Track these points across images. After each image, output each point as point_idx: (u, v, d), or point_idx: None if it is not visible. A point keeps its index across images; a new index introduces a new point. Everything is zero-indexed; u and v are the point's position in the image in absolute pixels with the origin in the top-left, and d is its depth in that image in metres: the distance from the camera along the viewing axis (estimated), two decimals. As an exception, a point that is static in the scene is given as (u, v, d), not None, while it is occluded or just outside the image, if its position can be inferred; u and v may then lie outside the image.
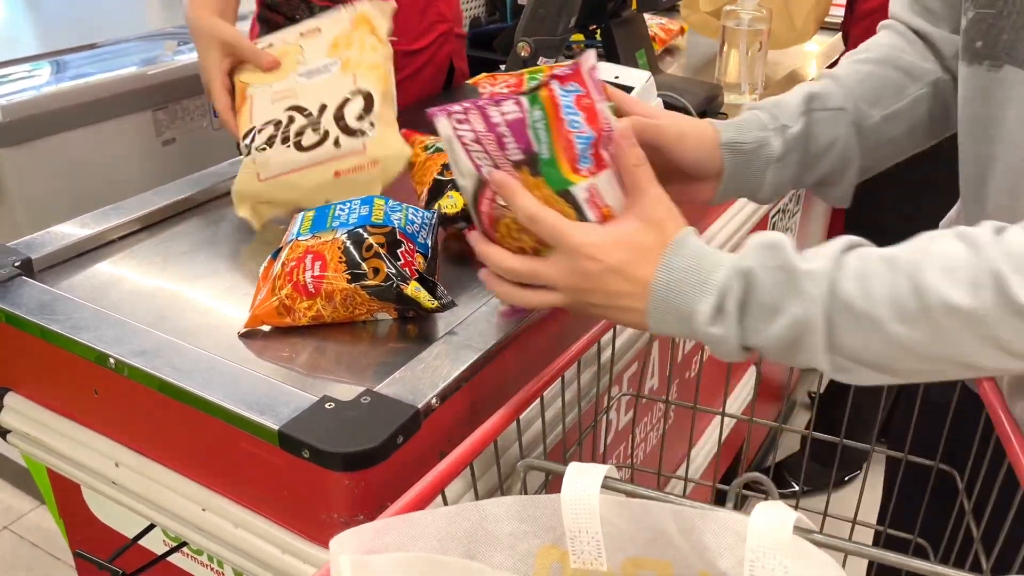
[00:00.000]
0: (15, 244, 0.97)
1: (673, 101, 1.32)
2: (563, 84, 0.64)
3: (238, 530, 0.77)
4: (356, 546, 0.53)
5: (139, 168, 1.85)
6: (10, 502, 2.02)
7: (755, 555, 0.51)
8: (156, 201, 1.09)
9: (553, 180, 0.65)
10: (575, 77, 0.65)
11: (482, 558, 0.58)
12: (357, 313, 0.85)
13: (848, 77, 0.87)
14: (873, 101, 0.86)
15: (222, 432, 0.73)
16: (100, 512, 1.00)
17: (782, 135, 0.84)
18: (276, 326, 0.86)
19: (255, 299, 0.87)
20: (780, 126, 0.84)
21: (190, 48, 2.03)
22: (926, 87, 0.86)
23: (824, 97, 0.86)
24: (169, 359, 0.78)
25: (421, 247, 0.88)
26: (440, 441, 0.76)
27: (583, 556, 0.58)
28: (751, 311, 0.62)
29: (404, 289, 0.83)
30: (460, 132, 0.66)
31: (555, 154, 0.64)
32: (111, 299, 0.91)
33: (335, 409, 0.71)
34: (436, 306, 0.84)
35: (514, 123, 0.64)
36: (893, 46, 0.89)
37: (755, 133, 0.83)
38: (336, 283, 0.83)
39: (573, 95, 0.65)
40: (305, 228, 0.89)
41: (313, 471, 0.68)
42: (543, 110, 0.64)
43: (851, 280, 0.59)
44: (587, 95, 0.65)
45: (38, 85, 1.74)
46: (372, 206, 0.90)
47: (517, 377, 0.86)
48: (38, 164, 1.68)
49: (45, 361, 0.87)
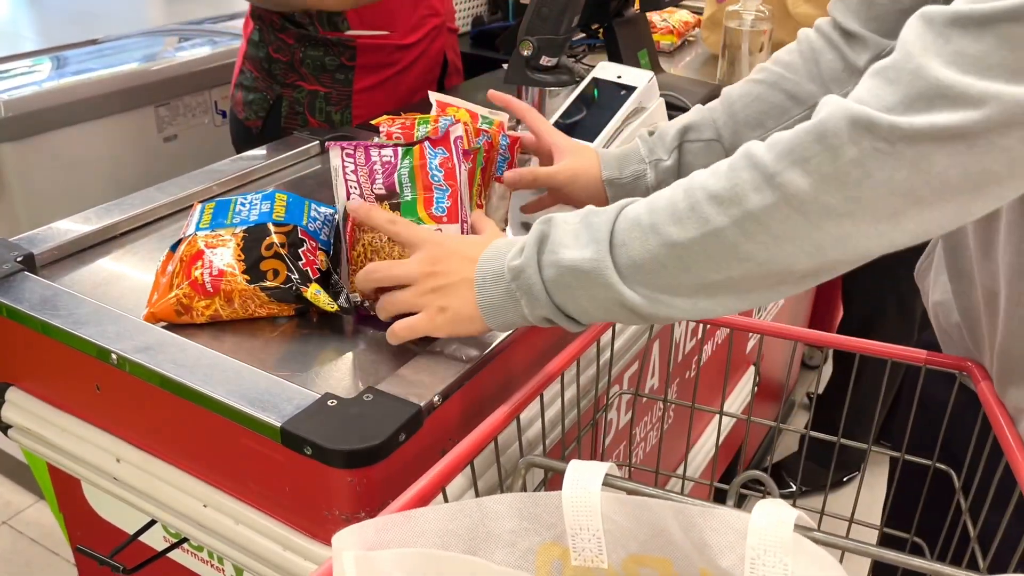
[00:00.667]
0: (17, 239, 0.97)
1: (675, 101, 1.32)
2: (433, 147, 0.82)
3: (239, 526, 0.77)
4: (358, 542, 0.53)
5: (141, 164, 1.85)
6: (9, 497, 2.02)
7: (756, 553, 0.51)
8: (158, 197, 1.09)
9: (409, 214, 0.80)
10: (443, 142, 0.83)
11: (483, 555, 0.58)
12: (256, 313, 0.85)
13: (737, 100, 0.95)
14: (756, 124, 0.94)
15: (224, 428, 0.74)
16: (100, 508, 1.00)
17: (655, 168, 0.93)
18: (173, 323, 0.84)
19: (152, 295, 0.86)
20: (655, 159, 0.94)
21: (191, 45, 2.03)
22: (808, 110, 0.91)
23: (698, 128, 0.95)
24: (171, 355, 0.78)
25: (324, 244, 0.88)
26: (442, 439, 0.76)
27: (584, 553, 0.58)
28: (547, 248, 0.68)
29: (304, 292, 0.82)
30: (345, 163, 0.82)
31: (416, 197, 0.81)
32: (113, 294, 0.91)
33: (337, 406, 0.71)
34: (336, 309, 0.84)
35: (387, 165, 0.82)
36: (788, 64, 0.95)
37: (632, 167, 0.94)
38: (235, 284, 0.82)
39: (439, 156, 0.82)
40: (205, 222, 0.87)
41: (315, 468, 0.68)
42: (411, 162, 0.82)
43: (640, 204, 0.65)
44: (450, 158, 0.82)
45: (40, 80, 1.74)
46: (273, 202, 0.89)
47: (518, 375, 0.86)
48: (40, 159, 1.68)
49: (46, 356, 0.87)
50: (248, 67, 1.50)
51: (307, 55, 1.44)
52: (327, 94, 1.47)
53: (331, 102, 1.48)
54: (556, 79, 1.25)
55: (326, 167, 1.23)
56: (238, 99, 1.53)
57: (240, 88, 1.52)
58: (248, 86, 1.50)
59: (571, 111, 1.20)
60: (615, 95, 1.20)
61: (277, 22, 1.43)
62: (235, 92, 1.54)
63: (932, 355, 0.83)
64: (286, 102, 1.48)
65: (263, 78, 1.48)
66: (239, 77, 1.53)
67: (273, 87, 1.48)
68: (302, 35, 1.43)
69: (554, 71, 1.25)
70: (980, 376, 0.79)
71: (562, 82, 1.25)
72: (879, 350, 0.84)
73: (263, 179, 1.20)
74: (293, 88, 1.47)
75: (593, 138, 1.15)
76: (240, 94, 1.52)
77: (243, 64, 1.51)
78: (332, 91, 1.47)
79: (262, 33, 1.46)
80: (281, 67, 1.46)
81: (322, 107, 1.48)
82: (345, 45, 1.44)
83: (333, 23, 1.43)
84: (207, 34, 2.12)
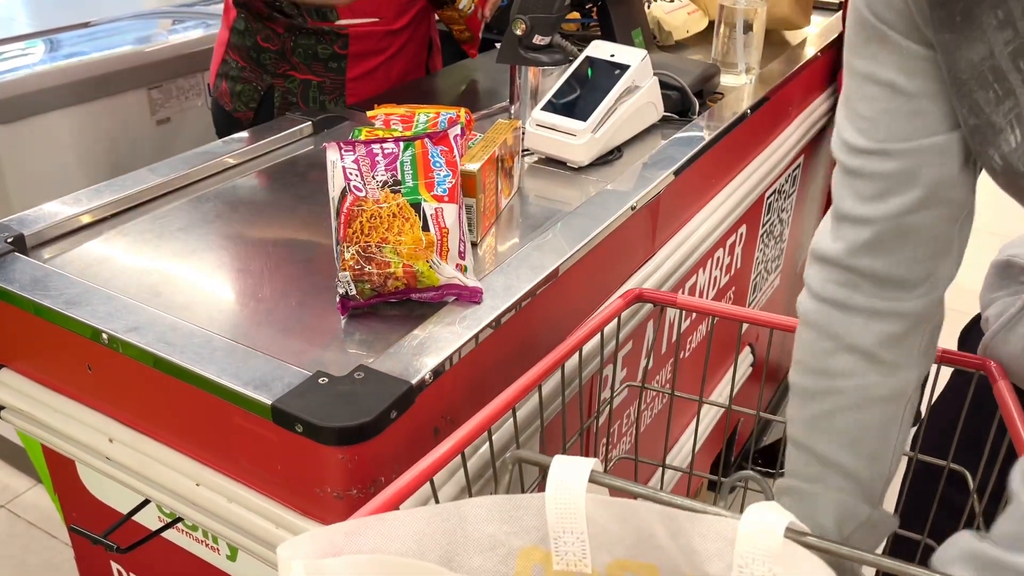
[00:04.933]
0: (8, 220, 0.97)
1: (669, 80, 1.32)
2: (435, 143, 0.90)
3: (232, 505, 0.77)
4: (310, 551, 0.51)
5: (134, 147, 1.84)
6: (7, 481, 2.02)
7: (744, 561, 0.50)
8: (150, 178, 1.08)
9: (410, 195, 0.85)
10: (443, 140, 0.90)
11: (461, 560, 0.57)
12: None
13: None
14: None
15: (216, 407, 0.73)
16: (95, 488, 1.00)
17: None
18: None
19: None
20: None
21: (184, 27, 2.02)
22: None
23: None
24: (162, 335, 0.78)
25: None
26: (434, 417, 0.76)
27: (567, 557, 0.56)
28: None
29: None
30: (344, 155, 0.87)
31: (417, 181, 0.86)
32: (104, 275, 0.91)
33: (328, 384, 0.71)
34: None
35: (389, 155, 0.88)
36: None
37: None
38: None
39: (440, 149, 0.89)
40: None
41: (306, 446, 0.68)
42: (413, 153, 0.88)
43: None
44: (451, 151, 0.90)
45: (32, 63, 1.73)
46: None
47: (512, 354, 0.86)
48: (32, 142, 1.67)
49: (38, 337, 0.87)
50: (233, 56, 1.46)
51: (298, 44, 1.42)
52: (320, 83, 1.46)
53: (325, 91, 1.46)
54: (550, 58, 1.24)
55: (319, 148, 1.23)
56: (224, 90, 1.49)
57: (225, 79, 1.48)
58: (235, 76, 1.47)
59: (564, 90, 1.19)
60: (609, 74, 1.19)
61: (264, 11, 1.41)
62: (219, 82, 1.50)
63: (948, 352, 0.80)
64: (278, 92, 1.46)
65: (251, 68, 1.45)
66: (222, 67, 1.49)
67: (263, 77, 1.45)
68: (291, 24, 1.41)
69: (547, 50, 1.24)
70: (998, 375, 0.77)
71: (555, 61, 1.25)
72: None
73: (255, 160, 1.20)
74: (285, 78, 1.45)
75: (587, 117, 1.15)
76: (226, 84, 1.48)
77: (226, 53, 1.48)
78: (325, 80, 1.45)
79: (248, 22, 1.43)
80: (271, 56, 1.44)
81: (316, 96, 1.46)
82: (337, 34, 1.42)
83: (322, 13, 1.41)
84: (200, 16, 2.11)
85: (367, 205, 0.83)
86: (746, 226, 1.50)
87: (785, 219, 1.77)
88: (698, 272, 1.32)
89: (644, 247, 1.12)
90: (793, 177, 1.73)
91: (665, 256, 1.15)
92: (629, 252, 1.08)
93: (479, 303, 0.83)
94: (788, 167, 1.65)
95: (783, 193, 1.69)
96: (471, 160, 0.96)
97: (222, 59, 1.49)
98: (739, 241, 1.49)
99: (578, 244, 0.94)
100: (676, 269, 1.17)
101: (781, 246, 1.80)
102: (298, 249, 0.98)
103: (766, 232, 1.65)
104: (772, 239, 1.71)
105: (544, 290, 0.89)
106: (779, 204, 1.69)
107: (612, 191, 1.06)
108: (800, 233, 1.93)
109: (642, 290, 0.91)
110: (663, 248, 1.16)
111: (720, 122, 1.29)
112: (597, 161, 1.18)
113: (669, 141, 1.23)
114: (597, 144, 1.16)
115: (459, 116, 1.05)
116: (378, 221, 0.83)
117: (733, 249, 1.47)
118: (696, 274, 1.31)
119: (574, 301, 0.97)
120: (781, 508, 0.51)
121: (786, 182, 1.69)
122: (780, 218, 1.73)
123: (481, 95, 1.52)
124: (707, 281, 1.38)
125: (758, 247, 1.62)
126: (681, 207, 1.20)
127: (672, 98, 1.32)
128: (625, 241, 1.05)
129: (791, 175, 1.71)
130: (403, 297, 0.84)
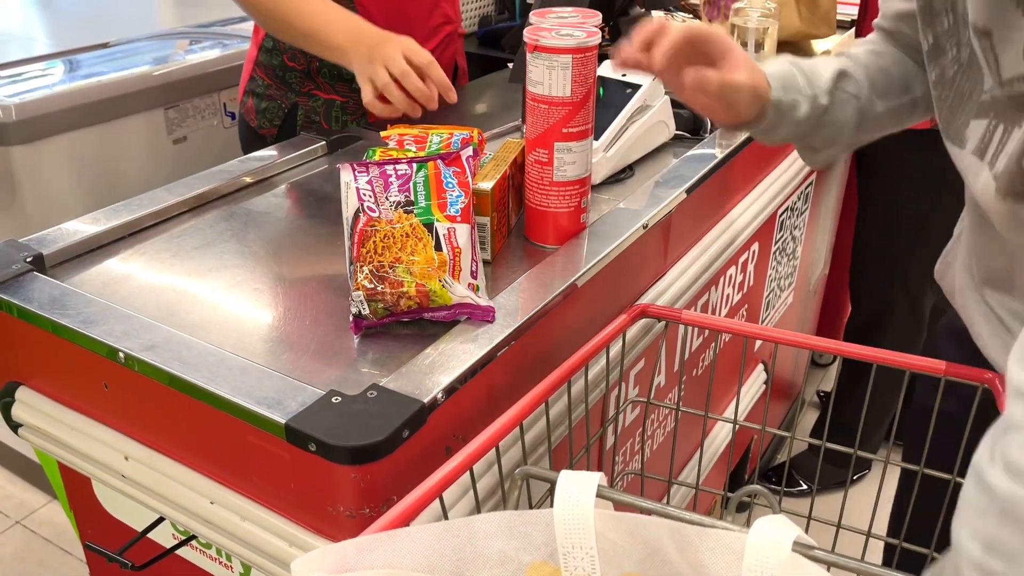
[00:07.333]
0: (27, 240, 0.98)
1: (680, 99, 1.32)
2: (447, 164, 0.92)
3: (246, 523, 0.78)
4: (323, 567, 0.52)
5: (150, 166, 1.86)
6: (22, 497, 2.04)
7: (752, 574, 0.50)
8: (166, 197, 1.10)
9: (423, 215, 0.86)
10: (456, 162, 0.93)
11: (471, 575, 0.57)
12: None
13: (868, 66, 0.95)
14: (883, 93, 0.94)
15: (230, 426, 0.74)
16: (110, 505, 1.01)
17: (811, 104, 0.91)
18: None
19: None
20: (812, 95, 0.92)
21: (201, 48, 2.05)
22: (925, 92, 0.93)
23: (849, 79, 0.93)
24: (178, 353, 0.79)
25: None
26: (446, 436, 0.77)
27: (576, 572, 0.56)
28: None
29: None
30: (358, 176, 0.89)
31: (430, 202, 0.88)
32: (121, 294, 0.92)
33: (341, 403, 0.72)
34: None
35: (403, 176, 0.90)
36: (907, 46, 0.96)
37: (792, 95, 0.91)
38: None
39: (452, 170, 0.92)
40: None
41: (319, 464, 0.69)
42: (426, 174, 0.90)
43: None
44: (463, 172, 0.92)
45: (51, 84, 1.76)
46: None
47: (524, 372, 0.87)
48: (50, 162, 1.69)
49: (56, 355, 0.88)
50: (260, 74, 1.49)
51: (323, 64, 1.43)
52: (343, 103, 1.47)
53: (347, 111, 1.47)
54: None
55: (333, 167, 1.24)
56: (249, 107, 1.51)
57: (251, 95, 1.50)
58: (260, 94, 1.49)
59: (576, 109, 1.20)
60: (620, 93, 1.20)
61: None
62: (245, 99, 1.52)
63: (952, 367, 0.80)
64: (302, 111, 1.47)
65: (276, 86, 1.47)
66: (249, 84, 1.51)
67: (288, 95, 1.47)
68: None
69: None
70: (1002, 388, 0.77)
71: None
72: (897, 361, 0.82)
73: (271, 179, 1.21)
74: (309, 96, 1.46)
75: (599, 136, 1.15)
76: (252, 101, 1.50)
77: (253, 71, 1.50)
78: (348, 100, 1.46)
79: (275, 41, 1.44)
80: (296, 75, 1.45)
81: (338, 116, 1.47)
82: None
83: None
84: (216, 37, 2.13)
85: (380, 225, 0.84)
86: (758, 244, 1.50)
87: (798, 236, 1.76)
88: (710, 290, 1.32)
89: (656, 265, 1.12)
90: (806, 195, 1.73)
91: (677, 274, 1.16)
92: (641, 270, 1.08)
93: (492, 322, 0.84)
94: (801, 184, 1.64)
95: (796, 211, 1.69)
96: (484, 179, 0.97)
97: (249, 76, 1.51)
98: (751, 259, 1.49)
99: (591, 262, 0.95)
100: (689, 287, 1.18)
101: (794, 263, 1.80)
102: (312, 268, 0.99)
103: (779, 250, 1.65)
104: (785, 256, 1.71)
105: (556, 308, 0.89)
106: (792, 221, 1.69)
107: (624, 209, 1.07)
108: (812, 250, 1.93)
109: (647, 306, 0.91)
110: (675, 266, 1.16)
111: (732, 140, 1.30)
112: (609, 179, 1.18)
113: (681, 159, 1.23)
114: (609, 162, 1.17)
115: (472, 136, 1.06)
116: (391, 241, 0.83)
117: (746, 267, 1.47)
118: (708, 292, 1.31)
119: (587, 319, 0.97)
120: (789, 522, 0.51)
121: (799, 199, 1.69)
122: (793, 235, 1.73)
123: (494, 114, 1.53)
124: (719, 299, 1.38)
125: (771, 265, 1.62)
126: (693, 225, 1.21)
127: (684, 116, 1.32)
128: (637, 259, 1.05)
129: (803, 192, 1.71)
130: (416, 316, 0.85)
